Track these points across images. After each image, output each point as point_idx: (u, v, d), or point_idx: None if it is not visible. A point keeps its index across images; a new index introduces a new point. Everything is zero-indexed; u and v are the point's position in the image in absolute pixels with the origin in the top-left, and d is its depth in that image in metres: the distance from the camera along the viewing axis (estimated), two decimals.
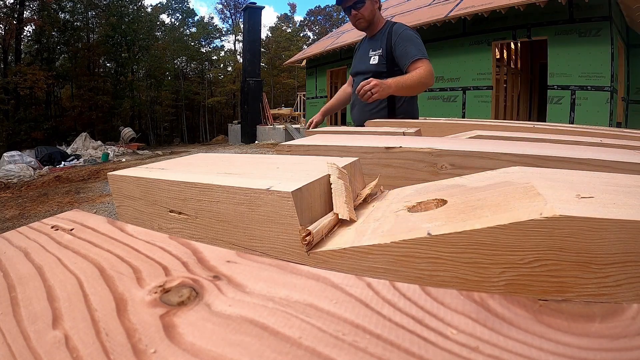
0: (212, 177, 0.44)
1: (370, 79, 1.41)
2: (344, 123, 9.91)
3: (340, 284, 0.19)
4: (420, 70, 1.52)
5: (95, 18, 20.40)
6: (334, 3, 1.70)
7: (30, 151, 10.42)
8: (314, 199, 0.40)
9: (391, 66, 1.69)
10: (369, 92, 1.37)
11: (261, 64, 17.16)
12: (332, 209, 0.41)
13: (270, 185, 0.38)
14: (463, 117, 6.44)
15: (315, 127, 1.93)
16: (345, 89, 2.08)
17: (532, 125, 1.32)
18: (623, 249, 0.25)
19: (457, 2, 6.49)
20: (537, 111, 8.13)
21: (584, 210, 0.26)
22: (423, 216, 0.36)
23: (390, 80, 1.45)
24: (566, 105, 5.53)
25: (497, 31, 6.13)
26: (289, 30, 35.78)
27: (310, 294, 0.19)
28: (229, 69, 28.51)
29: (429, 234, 0.31)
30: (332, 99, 2.11)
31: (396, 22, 1.76)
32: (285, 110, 15.10)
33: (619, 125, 5.61)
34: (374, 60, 1.73)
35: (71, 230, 0.30)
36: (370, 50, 1.75)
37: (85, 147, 12.02)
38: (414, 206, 0.39)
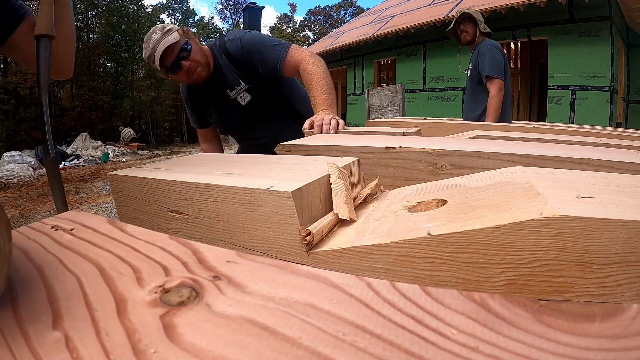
0: (212, 177, 0.44)
1: (321, 119, 1.00)
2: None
3: (340, 284, 0.19)
4: (314, 73, 1.18)
5: (95, 18, 20.40)
6: (163, 72, 1.25)
7: (30, 151, 10.40)
8: (314, 199, 0.40)
9: (263, 88, 1.32)
10: (332, 130, 1.00)
11: None
12: (332, 209, 0.41)
13: (270, 185, 0.38)
14: None
15: None
16: (213, 149, 1.56)
17: (532, 125, 1.32)
18: (623, 249, 0.25)
19: (457, 2, 6.50)
20: (537, 111, 8.14)
21: (584, 210, 0.26)
22: (423, 216, 0.36)
23: (327, 107, 1.13)
24: (566, 105, 5.53)
25: (497, 31, 6.12)
26: (289, 30, 35.83)
27: (310, 294, 0.19)
28: None
29: (429, 234, 0.31)
30: None
31: (224, 39, 1.33)
32: None
33: (619, 125, 5.62)
34: (245, 98, 1.31)
35: (71, 230, 0.30)
36: (228, 90, 1.31)
37: (85, 147, 12.02)
38: (414, 206, 0.39)
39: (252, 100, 1.33)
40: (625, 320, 0.15)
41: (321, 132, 0.99)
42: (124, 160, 10.14)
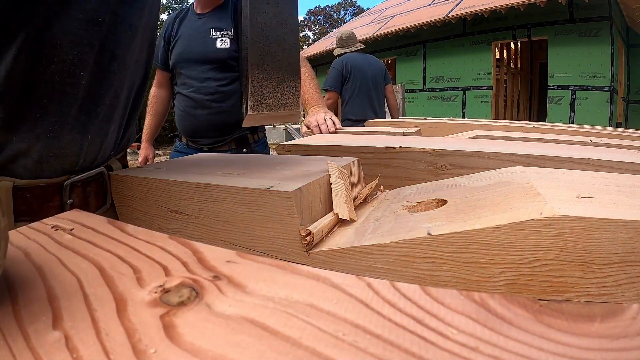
0: (212, 177, 0.44)
1: (315, 120, 1.05)
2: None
3: (340, 284, 0.19)
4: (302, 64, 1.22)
5: None
6: None
7: None
8: (314, 199, 0.40)
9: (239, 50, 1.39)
10: (330, 129, 1.04)
11: None
12: (332, 209, 0.41)
13: (270, 185, 0.38)
14: (463, 117, 6.44)
15: (152, 161, 1.43)
16: (159, 96, 1.53)
17: (532, 125, 1.32)
18: (623, 249, 0.25)
19: (457, 2, 6.49)
20: (537, 111, 8.13)
21: (584, 210, 0.26)
22: (423, 216, 0.36)
23: (317, 104, 1.15)
24: (566, 105, 5.53)
25: (497, 31, 6.13)
26: None
27: (310, 294, 0.19)
28: None
29: (429, 234, 0.31)
30: (151, 120, 1.55)
31: None
32: None
33: (619, 125, 5.61)
34: (224, 43, 1.30)
35: (71, 230, 0.30)
36: (213, 30, 1.31)
37: None
38: (414, 206, 0.39)
39: (228, 49, 1.29)
40: (625, 320, 0.15)
41: (320, 133, 0.99)
42: None
